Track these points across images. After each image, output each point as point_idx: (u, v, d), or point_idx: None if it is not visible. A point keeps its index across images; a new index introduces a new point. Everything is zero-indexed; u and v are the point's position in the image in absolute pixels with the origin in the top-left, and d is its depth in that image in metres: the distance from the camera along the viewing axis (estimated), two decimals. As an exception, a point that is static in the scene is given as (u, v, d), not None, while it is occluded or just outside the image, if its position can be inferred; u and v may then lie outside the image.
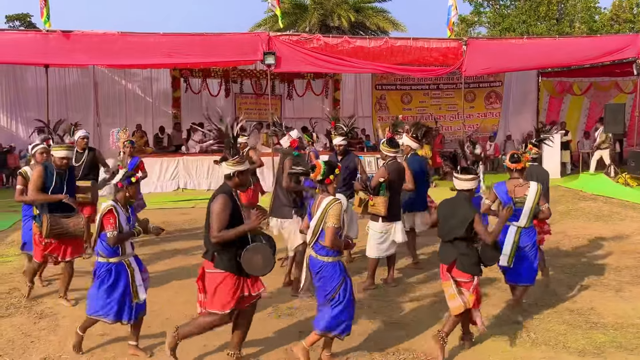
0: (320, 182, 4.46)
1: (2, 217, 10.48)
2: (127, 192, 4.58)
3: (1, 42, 12.42)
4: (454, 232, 4.48)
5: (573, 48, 14.23)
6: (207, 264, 4.29)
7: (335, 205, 4.30)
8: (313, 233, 4.40)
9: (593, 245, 8.27)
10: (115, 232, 4.43)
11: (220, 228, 4.08)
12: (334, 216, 4.27)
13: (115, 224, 4.46)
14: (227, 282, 4.20)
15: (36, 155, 6.30)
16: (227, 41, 13.18)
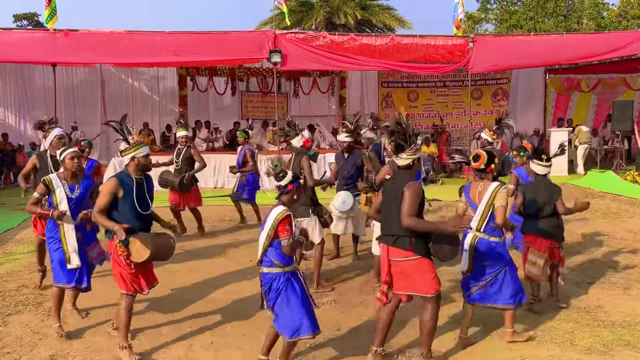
0: (481, 171, 4.74)
1: (10, 216, 10.56)
2: (295, 194, 4.29)
3: (9, 42, 12.52)
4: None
5: (581, 45, 14.12)
6: (399, 252, 4.24)
7: (502, 189, 4.63)
8: (482, 217, 4.67)
9: (601, 242, 8.23)
10: (291, 240, 4.13)
11: (413, 213, 4.13)
12: (503, 198, 4.59)
13: (291, 231, 4.15)
14: (429, 266, 4.28)
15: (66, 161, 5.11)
16: (234, 39, 13.23)
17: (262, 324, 5.13)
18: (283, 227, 4.09)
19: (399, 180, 4.35)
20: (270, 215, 4.17)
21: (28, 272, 6.91)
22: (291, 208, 4.28)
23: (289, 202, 4.28)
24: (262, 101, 17.76)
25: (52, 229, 5.10)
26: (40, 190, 5.04)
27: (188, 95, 16.78)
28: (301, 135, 6.58)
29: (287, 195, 4.27)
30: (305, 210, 6.20)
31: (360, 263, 7.25)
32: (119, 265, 4.47)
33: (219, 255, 7.69)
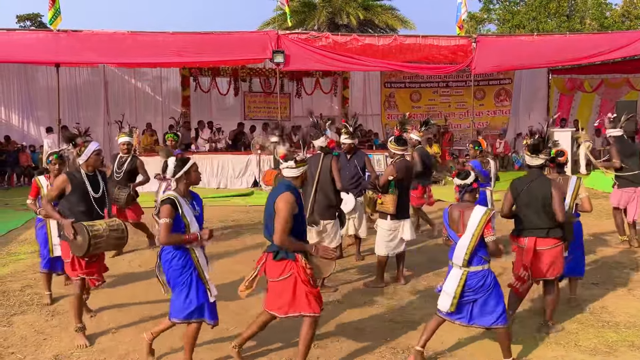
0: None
1: (14, 216, 10.58)
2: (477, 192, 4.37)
3: (12, 42, 12.56)
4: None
5: (584, 45, 14.09)
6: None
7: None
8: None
9: (605, 243, 8.21)
10: (494, 236, 4.20)
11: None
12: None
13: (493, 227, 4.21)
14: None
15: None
16: (236, 40, 13.25)
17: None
18: (489, 225, 4.16)
19: (539, 180, 4.77)
20: (473, 216, 4.18)
21: (32, 272, 6.92)
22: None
23: (473, 199, 4.35)
24: (264, 101, 17.76)
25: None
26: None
27: (191, 96, 16.81)
28: (325, 136, 6.57)
29: (472, 193, 4.34)
30: (333, 213, 6.22)
31: (363, 263, 7.25)
32: (306, 286, 4.13)
33: (221, 256, 7.68)
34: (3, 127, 15.90)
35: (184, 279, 4.13)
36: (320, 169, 6.22)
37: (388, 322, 5.28)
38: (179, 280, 4.13)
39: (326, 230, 6.20)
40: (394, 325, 5.19)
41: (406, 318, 5.34)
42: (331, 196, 6.20)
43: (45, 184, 5.81)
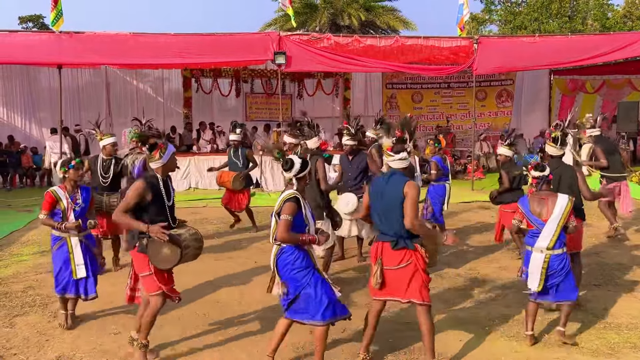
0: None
1: (16, 217, 10.60)
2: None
3: (15, 43, 12.55)
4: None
5: (585, 46, 14.07)
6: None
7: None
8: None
9: (606, 244, 8.20)
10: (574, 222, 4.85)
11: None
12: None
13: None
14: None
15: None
16: (238, 41, 13.24)
17: (268, 325, 5.15)
18: (571, 212, 4.72)
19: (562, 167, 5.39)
20: (558, 204, 4.70)
21: (34, 273, 6.95)
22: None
23: (549, 188, 4.90)
24: (266, 103, 17.78)
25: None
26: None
27: (192, 97, 16.83)
28: (318, 137, 6.57)
29: (548, 183, 4.89)
30: (320, 213, 6.19)
31: (365, 265, 7.25)
32: (423, 274, 4.28)
33: (223, 257, 7.70)
34: (5, 129, 15.93)
35: (308, 279, 4.15)
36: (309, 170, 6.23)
37: (390, 323, 5.28)
38: (305, 281, 4.15)
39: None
40: (396, 326, 5.19)
41: (408, 319, 5.34)
42: (317, 197, 6.20)
43: (63, 195, 5.25)
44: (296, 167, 4.29)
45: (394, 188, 4.23)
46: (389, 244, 4.27)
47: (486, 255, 7.67)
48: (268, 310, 5.59)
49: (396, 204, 4.20)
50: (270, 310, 5.61)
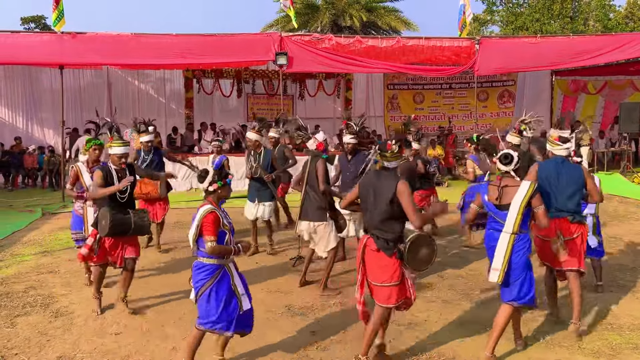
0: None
1: (18, 217, 10.62)
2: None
3: (17, 44, 12.56)
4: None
5: (587, 47, 14.05)
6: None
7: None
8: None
9: (608, 245, 8.16)
10: None
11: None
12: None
13: None
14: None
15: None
16: (240, 42, 13.24)
17: (268, 325, 5.15)
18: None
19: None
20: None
21: (36, 273, 6.95)
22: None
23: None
24: (267, 103, 17.79)
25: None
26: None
27: (194, 98, 16.84)
28: (314, 139, 6.56)
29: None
30: (322, 215, 6.18)
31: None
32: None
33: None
34: (7, 129, 15.96)
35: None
36: (308, 171, 6.22)
37: (391, 323, 5.27)
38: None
39: (317, 232, 6.18)
40: (397, 327, 5.18)
41: (410, 320, 5.33)
42: (318, 198, 6.17)
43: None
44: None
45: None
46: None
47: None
48: (269, 312, 5.59)
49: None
50: (271, 312, 5.62)
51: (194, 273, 4.25)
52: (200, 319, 4.21)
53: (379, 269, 4.23)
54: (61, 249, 8.25)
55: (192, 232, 4.17)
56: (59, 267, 7.21)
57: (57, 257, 7.74)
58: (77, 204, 6.24)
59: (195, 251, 4.24)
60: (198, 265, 4.22)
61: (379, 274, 4.22)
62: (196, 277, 4.21)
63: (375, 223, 4.22)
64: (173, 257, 7.80)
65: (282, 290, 6.23)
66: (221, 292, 4.16)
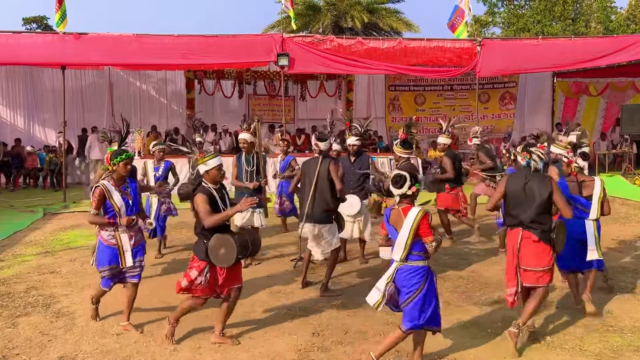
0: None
1: (20, 217, 10.64)
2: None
3: (19, 45, 12.59)
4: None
5: (589, 48, 14.05)
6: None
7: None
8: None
9: (610, 247, 8.17)
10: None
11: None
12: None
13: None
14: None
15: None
16: (241, 43, 13.25)
17: (270, 327, 5.14)
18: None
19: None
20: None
21: (37, 274, 6.96)
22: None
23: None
24: (269, 104, 17.81)
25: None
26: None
27: (195, 98, 16.86)
28: (328, 141, 6.54)
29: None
30: (329, 217, 6.16)
31: (368, 267, 7.24)
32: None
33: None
34: (8, 129, 15.99)
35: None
36: (319, 172, 6.11)
37: (392, 325, 5.27)
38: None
39: (322, 235, 6.14)
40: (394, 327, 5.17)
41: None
42: (329, 201, 6.10)
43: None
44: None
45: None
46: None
47: (489, 258, 7.66)
48: (270, 313, 5.59)
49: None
50: (272, 313, 5.62)
51: (404, 278, 4.17)
52: (412, 321, 4.18)
53: (535, 256, 4.72)
54: (62, 249, 8.27)
55: (406, 237, 4.12)
56: (60, 268, 7.22)
57: (58, 258, 7.74)
58: (106, 232, 5.04)
59: (403, 257, 4.17)
60: (410, 269, 4.17)
61: (537, 261, 4.72)
62: (409, 281, 4.16)
63: (532, 217, 4.70)
64: (174, 257, 7.81)
65: (283, 291, 6.23)
66: (431, 290, 4.24)
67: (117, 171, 5.02)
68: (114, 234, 5.03)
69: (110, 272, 5.10)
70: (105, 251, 5.05)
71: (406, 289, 4.18)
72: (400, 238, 4.18)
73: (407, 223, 4.15)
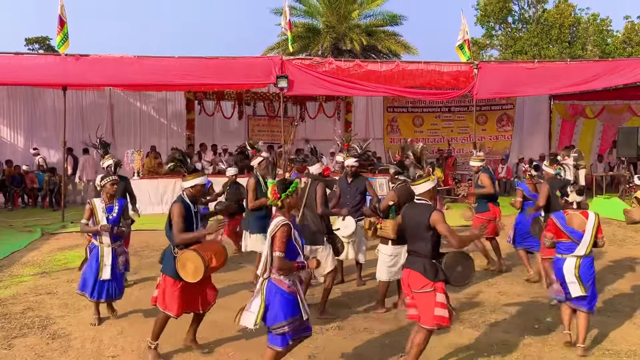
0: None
1: (18, 237, 10.63)
2: None
3: (21, 65, 12.73)
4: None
5: (584, 72, 14.20)
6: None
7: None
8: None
9: (606, 270, 8.18)
10: None
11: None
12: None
13: None
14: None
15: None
16: (241, 65, 13.38)
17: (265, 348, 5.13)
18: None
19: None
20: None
21: (34, 294, 6.95)
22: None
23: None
24: (268, 125, 17.93)
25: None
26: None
27: (195, 119, 16.97)
28: (321, 163, 6.62)
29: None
30: (320, 238, 6.19)
31: (365, 289, 7.24)
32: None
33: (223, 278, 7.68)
34: (8, 148, 16.05)
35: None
36: (307, 194, 6.24)
37: (388, 347, 5.27)
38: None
39: (315, 256, 6.17)
40: (394, 351, 5.17)
41: (406, 344, 5.32)
42: (317, 222, 6.19)
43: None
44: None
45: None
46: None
47: (485, 280, 7.66)
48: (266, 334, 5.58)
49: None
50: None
51: (587, 269, 5.10)
52: (591, 302, 5.20)
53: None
54: (59, 269, 8.26)
55: (590, 235, 5.06)
56: (57, 288, 7.21)
57: (55, 278, 7.74)
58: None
59: (588, 252, 5.11)
60: (590, 261, 5.14)
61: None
62: (589, 270, 5.13)
63: None
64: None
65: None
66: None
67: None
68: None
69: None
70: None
71: (587, 277, 5.08)
72: (585, 236, 5.07)
73: (589, 224, 5.09)
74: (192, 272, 4.69)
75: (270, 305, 4.14)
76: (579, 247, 5.07)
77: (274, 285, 4.16)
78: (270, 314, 4.14)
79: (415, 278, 4.45)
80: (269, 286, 4.18)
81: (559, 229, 5.13)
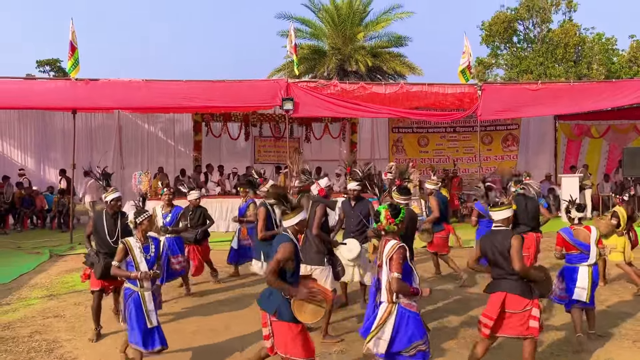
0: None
1: (26, 259, 10.75)
2: None
3: (32, 90, 13.00)
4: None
5: (587, 93, 14.27)
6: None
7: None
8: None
9: (611, 292, 8.16)
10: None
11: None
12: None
13: None
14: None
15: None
16: (248, 87, 13.58)
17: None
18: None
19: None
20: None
21: (41, 317, 7.03)
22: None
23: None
24: (274, 146, 18.11)
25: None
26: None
27: (202, 140, 17.18)
28: (317, 184, 6.72)
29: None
30: (320, 259, 6.26)
31: (368, 311, 7.25)
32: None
33: (225, 301, 7.73)
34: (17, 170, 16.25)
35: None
36: (308, 215, 6.30)
37: None
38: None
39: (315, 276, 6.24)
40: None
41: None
42: (318, 242, 6.28)
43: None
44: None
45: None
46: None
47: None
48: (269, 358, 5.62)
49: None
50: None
51: (595, 275, 6.09)
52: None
53: None
54: (67, 292, 8.35)
55: (595, 245, 6.06)
56: (64, 311, 7.29)
57: (63, 301, 7.82)
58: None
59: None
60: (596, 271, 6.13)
61: None
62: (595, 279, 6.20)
63: None
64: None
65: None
66: None
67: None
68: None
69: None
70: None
71: (594, 286, 6.03)
72: (592, 247, 6.04)
73: (592, 237, 6.04)
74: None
75: (400, 329, 4.33)
76: (589, 257, 6.04)
77: (404, 310, 4.37)
78: (403, 338, 4.32)
79: (515, 300, 4.72)
80: (400, 311, 4.36)
81: (567, 243, 6.10)
